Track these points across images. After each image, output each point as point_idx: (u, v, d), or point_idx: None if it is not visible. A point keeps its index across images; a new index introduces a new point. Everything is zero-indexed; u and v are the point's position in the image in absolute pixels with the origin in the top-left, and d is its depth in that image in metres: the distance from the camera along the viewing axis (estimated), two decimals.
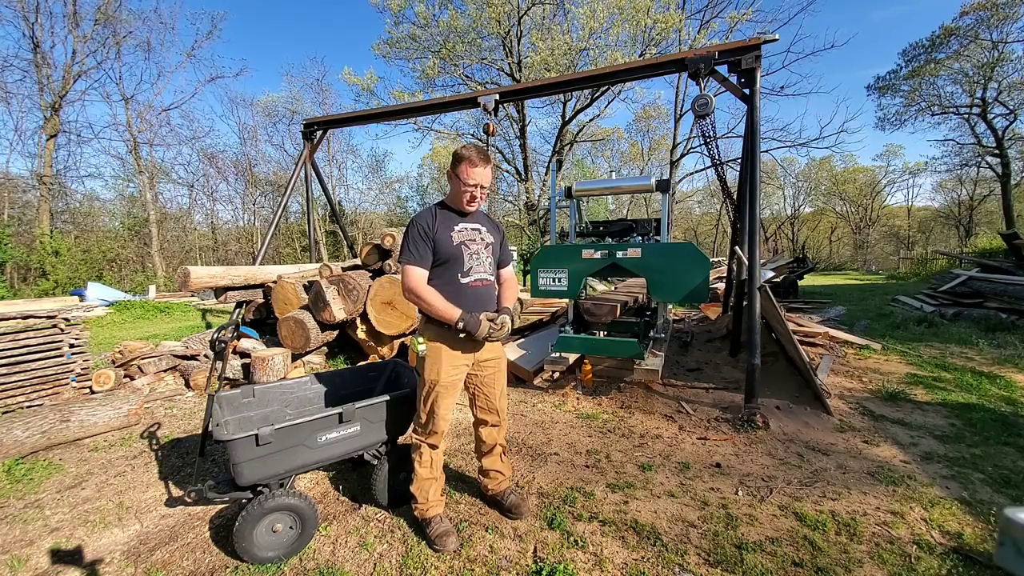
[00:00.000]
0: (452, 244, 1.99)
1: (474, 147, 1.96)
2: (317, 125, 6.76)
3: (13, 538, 2.24)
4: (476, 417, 2.30)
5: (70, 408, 3.40)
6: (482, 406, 2.26)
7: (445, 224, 2.01)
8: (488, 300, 2.11)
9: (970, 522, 2.18)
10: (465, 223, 2.07)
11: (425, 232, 1.97)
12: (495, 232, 2.19)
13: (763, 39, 3.70)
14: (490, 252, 2.12)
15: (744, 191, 4.31)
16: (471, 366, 2.13)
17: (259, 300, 5.59)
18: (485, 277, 2.08)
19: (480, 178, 1.96)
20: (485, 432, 2.31)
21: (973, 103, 22.54)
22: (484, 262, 2.08)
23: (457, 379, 2.07)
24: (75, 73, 17.93)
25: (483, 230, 2.12)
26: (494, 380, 2.23)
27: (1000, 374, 4.37)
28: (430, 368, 2.02)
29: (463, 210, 2.06)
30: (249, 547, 1.98)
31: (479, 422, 2.31)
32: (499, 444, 2.33)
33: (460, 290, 2.01)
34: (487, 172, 1.97)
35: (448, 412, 2.09)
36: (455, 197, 2.05)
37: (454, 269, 2.00)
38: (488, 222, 2.19)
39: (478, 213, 2.15)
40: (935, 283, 8.91)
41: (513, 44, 18.46)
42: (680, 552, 2.02)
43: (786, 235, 39.56)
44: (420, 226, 1.98)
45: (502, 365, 2.27)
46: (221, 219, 26.97)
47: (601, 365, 4.40)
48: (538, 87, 5.37)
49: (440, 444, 2.14)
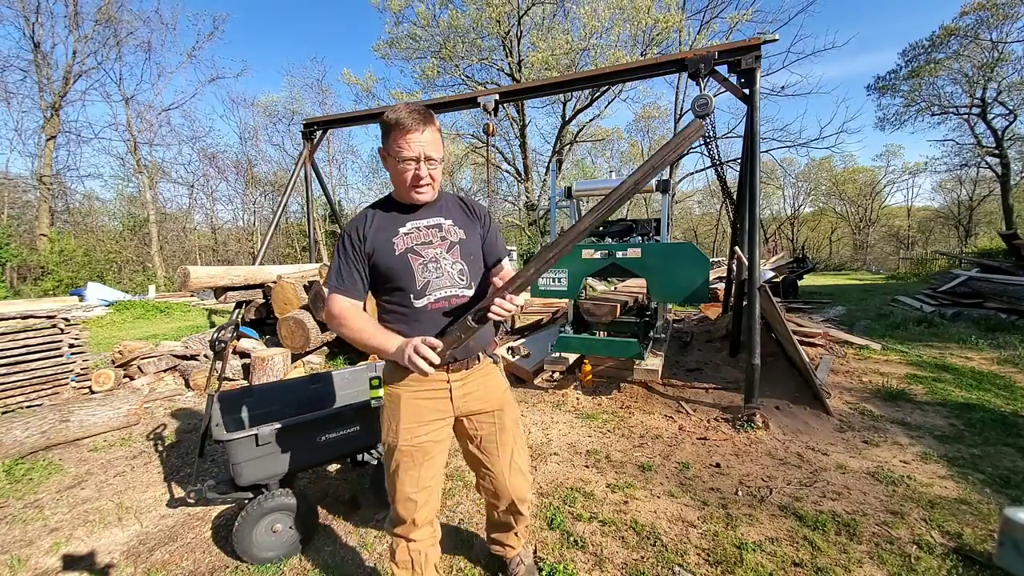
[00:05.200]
0: (394, 254, 1.38)
1: (404, 106, 1.33)
2: (317, 125, 6.76)
3: (13, 538, 2.24)
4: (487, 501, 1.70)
5: (70, 408, 3.40)
6: (487, 486, 1.61)
7: (385, 228, 1.41)
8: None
9: (970, 522, 2.18)
10: (416, 220, 1.43)
11: (353, 246, 1.39)
12: (468, 222, 1.51)
13: (763, 39, 3.69)
14: (458, 254, 1.45)
15: (744, 191, 4.31)
16: (453, 422, 1.52)
17: (259, 300, 5.59)
18: (455, 293, 1.42)
19: (422, 146, 1.31)
20: (496, 512, 1.68)
21: (973, 103, 22.53)
22: (450, 271, 1.43)
23: (426, 443, 1.43)
24: (75, 73, 17.97)
25: (446, 224, 1.46)
26: (496, 443, 1.54)
27: (1000, 374, 4.37)
28: (385, 426, 1.46)
29: (412, 201, 1.42)
30: (249, 547, 1.98)
31: (490, 505, 1.70)
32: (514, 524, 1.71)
33: (415, 316, 1.39)
34: (431, 135, 1.33)
35: (419, 492, 1.43)
36: (396, 183, 1.42)
37: (404, 288, 1.40)
38: (457, 208, 1.53)
39: (440, 200, 1.49)
40: (935, 283, 8.90)
41: (513, 44, 18.47)
42: (680, 552, 2.02)
43: (786, 235, 39.55)
44: (347, 238, 1.40)
45: (507, 417, 1.56)
46: (221, 219, 27.02)
47: (601, 365, 4.40)
48: (538, 87, 5.37)
49: (418, 535, 1.48)
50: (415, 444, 1.42)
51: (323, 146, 7.10)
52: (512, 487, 1.57)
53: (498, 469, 1.55)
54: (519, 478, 1.59)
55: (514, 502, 1.60)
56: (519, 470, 1.58)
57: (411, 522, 1.45)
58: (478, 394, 1.50)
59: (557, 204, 5.14)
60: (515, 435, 1.59)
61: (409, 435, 1.41)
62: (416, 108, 1.33)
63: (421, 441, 1.42)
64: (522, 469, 1.60)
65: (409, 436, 1.41)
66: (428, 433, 1.44)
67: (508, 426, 1.56)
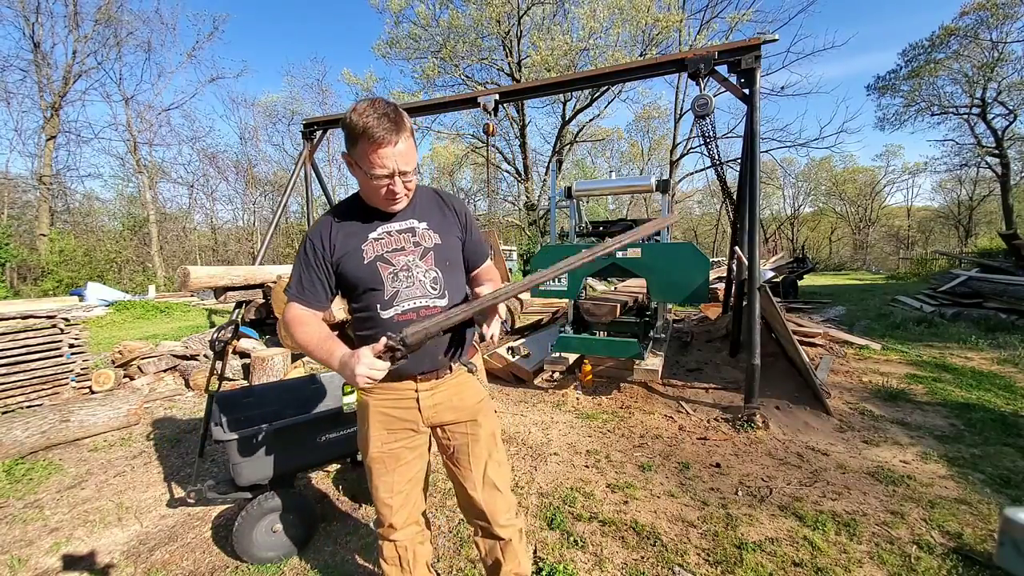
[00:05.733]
0: (363, 262, 1.28)
1: (374, 110, 1.14)
2: (317, 125, 6.76)
3: (13, 538, 2.24)
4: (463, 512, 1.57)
5: (70, 408, 3.40)
6: (459, 497, 1.52)
7: (353, 234, 1.30)
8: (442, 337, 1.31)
9: (970, 522, 2.18)
10: (387, 224, 1.33)
11: (316, 252, 1.29)
12: (445, 223, 1.39)
13: (763, 39, 3.69)
14: (432, 261, 1.33)
15: (744, 191, 4.31)
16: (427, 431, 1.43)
17: (259, 300, 5.58)
18: (427, 303, 1.31)
19: (395, 160, 1.17)
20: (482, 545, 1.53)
21: (973, 103, 22.56)
22: (422, 280, 1.32)
23: (399, 448, 1.37)
24: (75, 73, 17.98)
25: (420, 227, 1.34)
26: (467, 455, 1.43)
27: (1000, 374, 4.37)
28: (359, 432, 1.43)
29: (385, 210, 1.32)
30: (249, 547, 1.98)
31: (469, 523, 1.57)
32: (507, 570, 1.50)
33: (381, 327, 1.27)
34: (404, 144, 1.17)
35: (393, 496, 1.39)
36: (366, 193, 1.29)
37: (370, 298, 1.30)
38: (434, 207, 1.40)
39: (414, 199, 1.35)
40: (935, 283, 8.91)
41: (513, 44, 18.49)
42: (680, 552, 2.02)
43: (786, 235, 39.57)
44: (309, 244, 1.30)
45: (481, 430, 1.44)
46: (221, 219, 27.07)
47: (601, 365, 4.41)
48: (538, 87, 5.37)
49: (400, 536, 1.43)
50: (386, 451, 1.37)
51: (323, 146, 7.11)
52: (483, 502, 1.42)
53: (469, 482, 1.43)
54: (491, 493, 1.44)
55: (489, 523, 1.44)
56: (492, 485, 1.44)
57: (389, 525, 1.42)
58: (449, 404, 1.39)
59: (557, 204, 5.15)
60: (490, 449, 1.46)
61: (379, 442, 1.36)
62: (385, 112, 1.14)
63: (392, 448, 1.37)
64: (497, 485, 1.45)
65: (379, 443, 1.36)
66: (399, 441, 1.38)
67: (482, 438, 1.44)
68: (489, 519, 1.44)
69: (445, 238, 1.37)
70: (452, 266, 1.39)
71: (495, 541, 1.49)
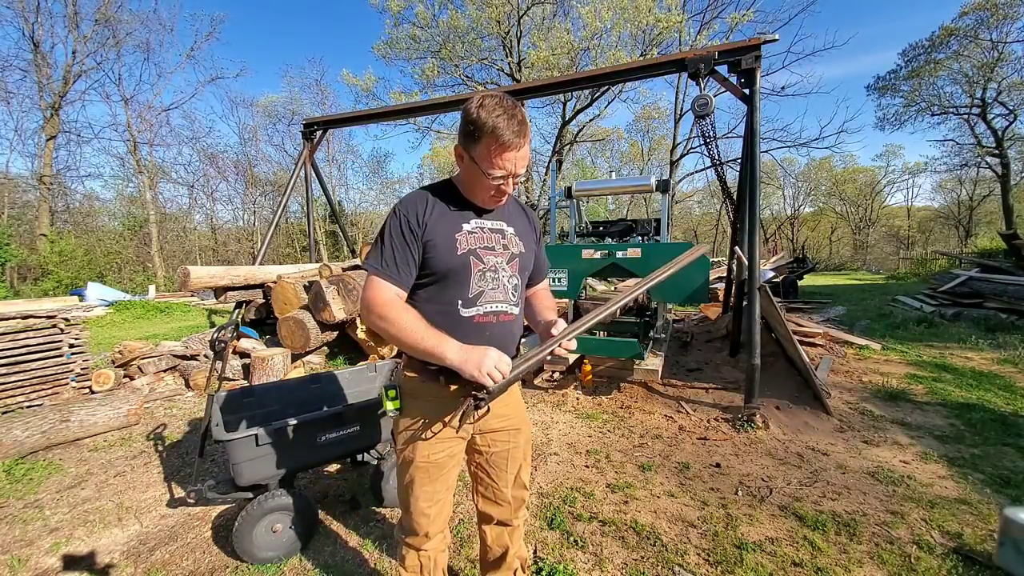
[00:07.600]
0: (455, 252, 1.21)
1: (503, 110, 1.09)
2: (317, 125, 6.77)
3: (13, 538, 2.24)
4: (478, 509, 1.55)
5: (70, 408, 3.40)
6: (486, 495, 1.51)
7: (448, 219, 1.24)
8: (510, 346, 1.31)
9: (970, 522, 2.18)
10: (481, 220, 1.28)
11: (411, 229, 1.20)
12: (528, 233, 1.38)
13: (763, 39, 3.70)
14: (516, 267, 1.31)
15: (744, 191, 4.31)
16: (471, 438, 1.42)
17: (259, 300, 5.59)
18: (505, 309, 1.28)
19: (516, 164, 1.15)
20: (491, 532, 1.55)
21: (973, 103, 22.54)
22: (505, 285, 1.28)
23: (444, 458, 1.34)
24: (75, 73, 17.97)
25: (509, 231, 1.32)
26: (506, 459, 1.45)
27: (1000, 374, 4.37)
28: (403, 439, 1.35)
29: (483, 206, 1.28)
30: (249, 547, 1.98)
31: (482, 516, 1.56)
32: (512, 553, 1.55)
33: (457, 326, 1.22)
34: (527, 149, 1.15)
35: (433, 505, 1.36)
36: (470, 187, 1.25)
37: (452, 292, 1.23)
38: (520, 216, 1.39)
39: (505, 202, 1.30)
40: (935, 283, 8.91)
41: (513, 44, 18.48)
42: (680, 552, 2.02)
43: (786, 235, 39.56)
44: (403, 218, 1.21)
45: (521, 437, 1.47)
46: (221, 219, 27.01)
47: (601, 365, 4.41)
48: (538, 87, 5.37)
49: (430, 546, 1.42)
50: (432, 461, 1.32)
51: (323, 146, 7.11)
52: (512, 499, 1.51)
53: (502, 481, 1.47)
54: (519, 491, 1.53)
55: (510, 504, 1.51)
56: (521, 485, 1.53)
57: (424, 535, 1.39)
58: (497, 411, 1.36)
59: (557, 204, 5.15)
60: (526, 453, 1.52)
61: (427, 451, 1.31)
62: (514, 115, 1.10)
63: (439, 457, 1.33)
64: (524, 484, 1.54)
65: (427, 452, 1.31)
66: (445, 449, 1.34)
67: (521, 444, 1.48)
68: (512, 511, 1.52)
69: (527, 246, 1.36)
70: (526, 276, 1.38)
71: (503, 528, 1.54)
